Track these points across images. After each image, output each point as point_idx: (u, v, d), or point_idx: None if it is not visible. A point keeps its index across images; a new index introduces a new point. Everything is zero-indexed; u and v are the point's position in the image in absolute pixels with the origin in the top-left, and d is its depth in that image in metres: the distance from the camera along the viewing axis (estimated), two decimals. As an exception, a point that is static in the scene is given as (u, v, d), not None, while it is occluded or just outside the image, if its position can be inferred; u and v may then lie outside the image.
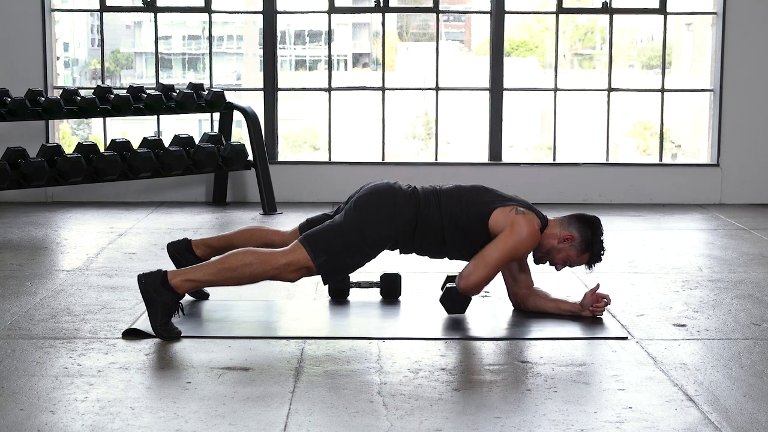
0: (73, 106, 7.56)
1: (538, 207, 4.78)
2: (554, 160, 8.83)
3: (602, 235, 4.63)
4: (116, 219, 7.50)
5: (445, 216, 4.51)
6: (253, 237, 4.84)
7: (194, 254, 4.87)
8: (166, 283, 4.31)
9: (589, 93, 9.37)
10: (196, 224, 7.33)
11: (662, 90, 8.72)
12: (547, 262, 4.66)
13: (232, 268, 4.34)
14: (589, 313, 4.62)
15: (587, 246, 4.60)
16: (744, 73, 8.49)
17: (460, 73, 13.14)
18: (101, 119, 8.68)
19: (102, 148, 7.66)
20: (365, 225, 4.45)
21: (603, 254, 4.66)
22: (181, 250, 4.90)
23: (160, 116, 8.51)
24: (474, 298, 4.88)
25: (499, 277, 4.74)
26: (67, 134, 12.33)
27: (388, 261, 5.08)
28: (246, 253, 4.38)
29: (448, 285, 4.64)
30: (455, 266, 5.79)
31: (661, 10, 8.58)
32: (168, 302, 4.30)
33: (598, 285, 4.69)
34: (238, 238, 4.87)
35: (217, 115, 8.53)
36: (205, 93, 8.08)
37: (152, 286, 4.30)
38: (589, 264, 4.66)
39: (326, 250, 4.39)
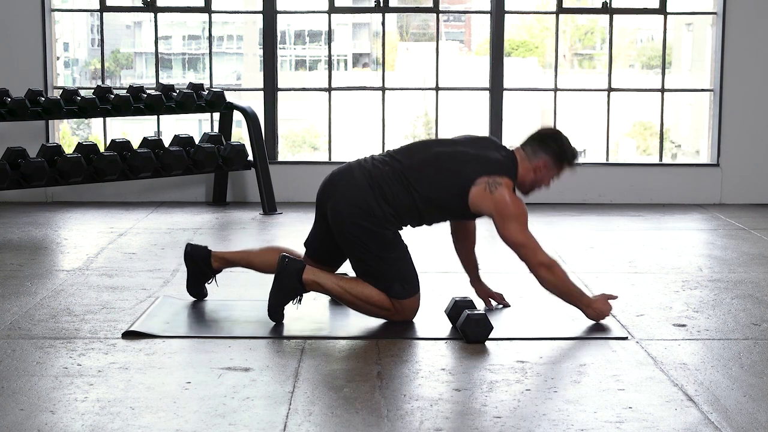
0: (73, 106, 7.56)
1: (539, 207, 4.79)
2: (554, 160, 8.82)
3: (568, 141, 4.67)
4: (116, 219, 7.50)
5: (418, 200, 4.52)
6: (271, 259, 4.84)
7: (211, 267, 4.93)
8: (300, 275, 4.49)
9: (589, 93, 9.37)
10: (196, 224, 7.33)
11: (662, 90, 8.72)
12: (536, 190, 4.72)
13: (357, 296, 4.53)
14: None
15: (561, 159, 4.64)
16: (744, 73, 8.49)
17: (460, 73, 13.14)
18: (101, 119, 8.68)
19: (102, 148, 7.66)
20: (367, 238, 4.49)
21: (578, 155, 4.70)
22: (204, 258, 4.93)
23: (160, 116, 8.51)
24: (473, 298, 4.87)
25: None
26: (67, 134, 12.34)
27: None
28: (374, 290, 4.51)
29: (467, 312, 4.34)
30: (459, 288, 5.79)
31: (661, 10, 8.58)
32: (294, 290, 4.51)
33: (614, 296, 4.67)
34: (258, 260, 4.95)
35: (217, 115, 8.53)
36: (205, 93, 8.08)
37: (290, 270, 4.50)
38: (571, 169, 4.71)
39: (397, 280, 4.52)
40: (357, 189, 4.52)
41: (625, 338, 4.38)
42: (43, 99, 7.46)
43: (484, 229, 7.42)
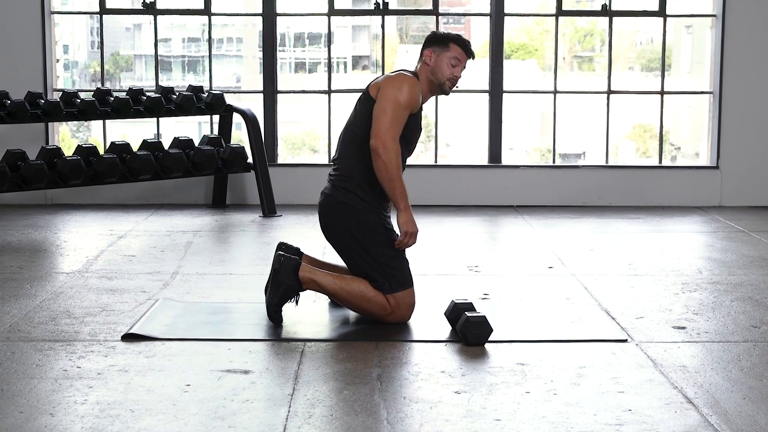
0: (72, 108, 7.56)
1: (538, 210, 4.78)
2: (554, 162, 8.83)
3: (440, 31, 4.77)
4: (116, 221, 7.50)
5: (359, 164, 4.60)
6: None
7: (298, 280, 4.62)
8: (297, 272, 4.54)
9: (588, 95, 9.37)
10: (196, 227, 7.33)
11: (662, 92, 8.72)
12: (454, 83, 4.70)
13: (352, 294, 4.56)
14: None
15: (443, 41, 4.66)
16: (743, 75, 8.50)
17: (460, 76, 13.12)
18: (101, 121, 8.67)
19: (101, 151, 7.66)
20: (352, 228, 4.59)
21: (458, 35, 4.71)
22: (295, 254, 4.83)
23: (160, 118, 8.51)
24: (474, 300, 4.87)
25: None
26: (67, 136, 12.33)
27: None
28: (370, 288, 4.56)
29: (467, 314, 4.34)
30: (459, 291, 5.81)
31: (661, 12, 8.59)
32: (292, 287, 4.55)
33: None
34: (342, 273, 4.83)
35: (216, 118, 8.53)
36: (205, 95, 8.08)
37: (286, 268, 4.54)
38: (467, 51, 4.69)
39: (391, 276, 4.56)
40: (327, 199, 4.69)
41: (625, 340, 4.38)
42: (43, 101, 7.46)
43: (483, 230, 7.45)
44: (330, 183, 4.73)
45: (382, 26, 8.69)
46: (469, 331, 4.27)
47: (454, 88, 4.79)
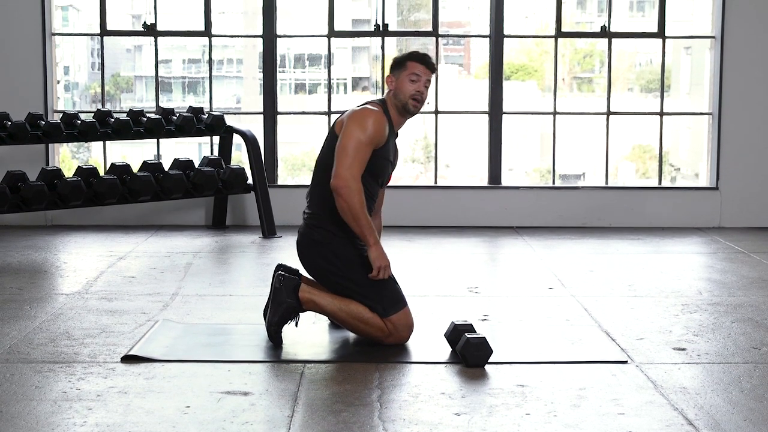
0: (73, 129, 7.57)
1: (538, 231, 4.77)
2: (553, 183, 8.84)
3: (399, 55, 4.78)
4: (116, 242, 7.50)
5: (324, 190, 4.58)
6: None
7: (298, 300, 4.61)
8: (296, 291, 4.55)
9: (588, 116, 9.39)
10: (196, 248, 7.32)
11: (661, 113, 8.74)
12: (417, 100, 4.69)
13: (351, 315, 4.56)
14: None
15: (398, 61, 4.69)
16: (742, 96, 8.51)
17: (460, 97, 13.17)
18: (101, 143, 8.68)
19: (102, 172, 7.67)
20: (326, 260, 4.59)
21: (415, 52, 4.71)
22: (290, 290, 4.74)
23: (160, 140, 8.52)
24: (473, 321, 4.87)
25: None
26: (67, 158, 12.36)
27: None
28: (367, 310, 4.55)
29: (467, 336, 4.33)
30: (459, 312, 5.80)
31: (660, 33, 8.61)
32: (292, 308, 4.56)
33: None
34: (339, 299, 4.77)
35: (216, 139, 8.55)
36: (205, 116, 8.10)
37: (287, 287, 4.56)
38: (425, 64, 4.67)
39: (382, 300, 4.55)
40: (302, 238, 4.68)
41: (625, 362, 4.38)
42: (44, 123, 7.48)
43: (483, 251, 7.44)
44: (303, 221, 4.72)
45: (382, 47, 8.72)
46: (469, 353, 4.27)
47: (424, 106, 4.80)
